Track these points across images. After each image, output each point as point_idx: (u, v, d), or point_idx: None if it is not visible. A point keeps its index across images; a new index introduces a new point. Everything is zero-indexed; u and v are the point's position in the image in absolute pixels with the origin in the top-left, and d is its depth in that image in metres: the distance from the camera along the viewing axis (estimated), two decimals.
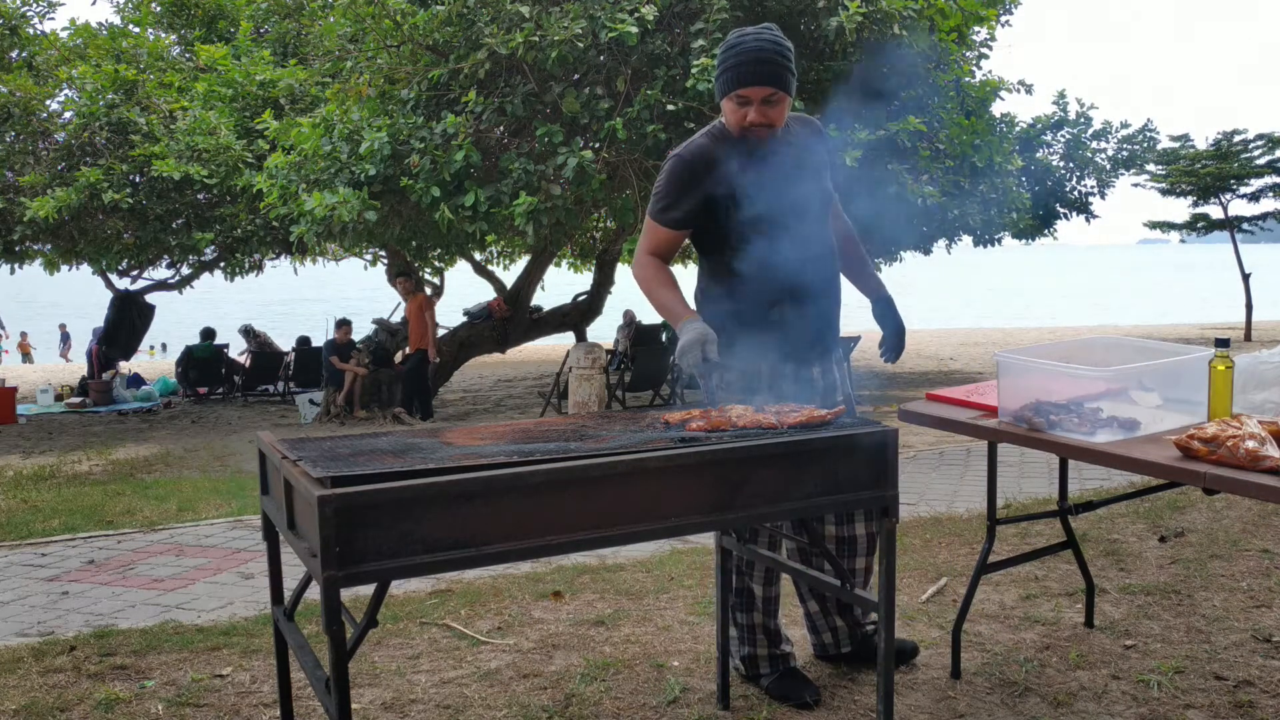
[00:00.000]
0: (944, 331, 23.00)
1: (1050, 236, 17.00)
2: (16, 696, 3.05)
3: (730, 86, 2.64)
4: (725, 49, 2.68)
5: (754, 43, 2.62)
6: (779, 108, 2.65)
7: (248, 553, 4.85)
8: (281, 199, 9.03)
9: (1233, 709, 2.76)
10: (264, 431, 2.53)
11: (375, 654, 3.32)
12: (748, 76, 2.60)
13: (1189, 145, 19.35)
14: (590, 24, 7.86)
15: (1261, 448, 2.12)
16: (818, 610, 3.11)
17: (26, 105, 11.25)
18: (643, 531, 2.16)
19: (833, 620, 3.10)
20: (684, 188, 2.70)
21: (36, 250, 13.25)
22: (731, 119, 2.69)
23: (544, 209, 8.11)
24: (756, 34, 2.65)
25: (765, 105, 2.63)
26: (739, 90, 2.62)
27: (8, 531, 5.60)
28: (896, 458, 2.33)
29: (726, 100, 2.68)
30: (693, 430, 2.28)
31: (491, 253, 15.42)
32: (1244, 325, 18.35)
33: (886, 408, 9.60)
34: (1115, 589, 3.72)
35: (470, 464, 1.98)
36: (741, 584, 2.95)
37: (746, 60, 2.60)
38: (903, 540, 4.38)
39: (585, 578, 4.11)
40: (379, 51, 8.85)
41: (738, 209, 2.68)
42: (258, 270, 15.32)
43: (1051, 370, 2.67)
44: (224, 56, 11.64)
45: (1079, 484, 5.38)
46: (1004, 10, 12.85)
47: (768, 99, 2.62)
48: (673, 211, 2.72)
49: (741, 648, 2.99)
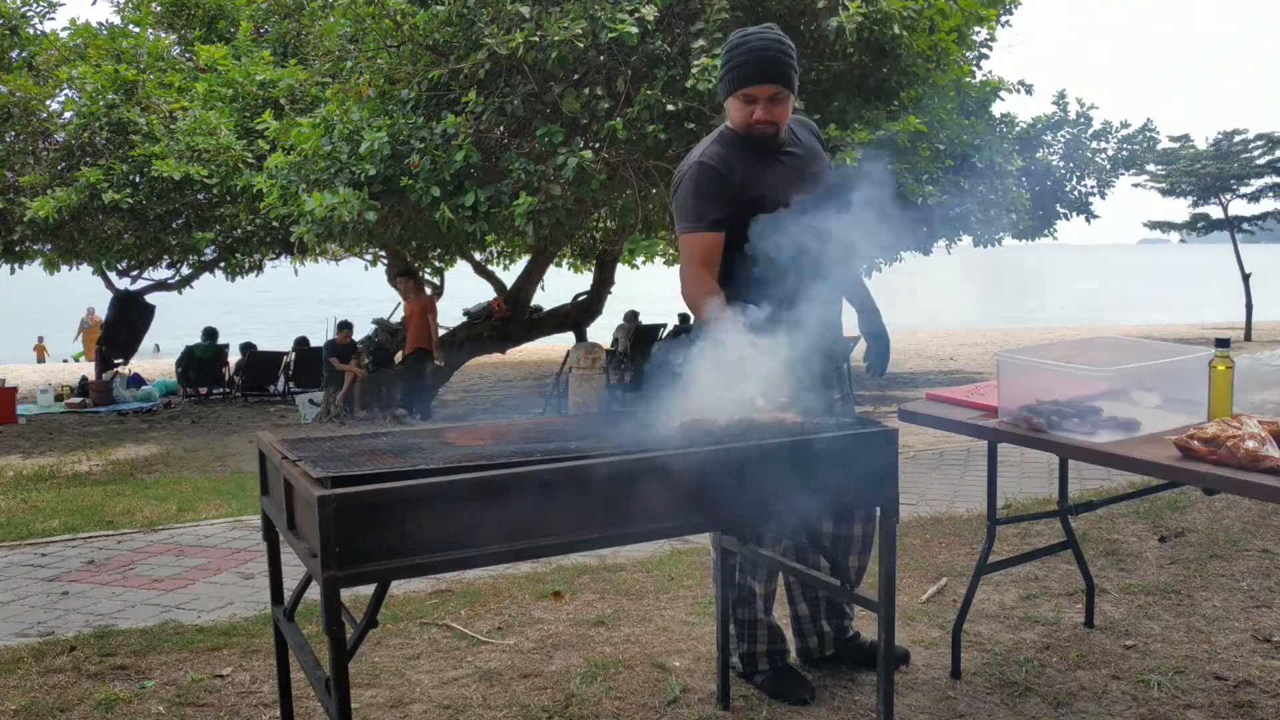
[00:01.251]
0: (944, 331, 22.99)
1: (1050, 236, 16.99)
2: (16, 696, 3.05)
3: (736, 85, 2.68)
4: (730, 49, 2.71)
5: (759, 41, 2.66)
6: (784, 105, 2.70)
7: (248, 553, 4.85)
8: (281, 199, 9.03)
9: (1233, 709, 2.76)
10: (264, 432, 2.53)
11: (375, 654, 3.32)
12: (754, 75, 2.65)
13: (1189, 145, 19.35)
14: (590, 24, 7.86)
15: (1261, 448, 2.12)
16: (807, 614, 3.12)
17: (26, 105, 11.25)
18: (643, 531, 2.16)
19: (820, 625, 3.12)
20: (715, 192, 2.70)
21: (36, 250, 13.24)
22: (737, 117, 2.72)
23: (544, 209, 8.11)
24: (760, 33, 2.69)
25: (771, 103, 2.67)
26: (745, 89, 2.66)
27: (8, 531, 5.60)
28: (896, 458, 2.33)
29: (732, 99, 2.71)
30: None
31: (491, 253, 15.41)
32: (1244, 325, 18.34)
33: (886, 408, 9.60)
34: (1115, 589, 3.72)
35: (470, 464, 1.98)
36: (743, 580, 2.96)
37: (753, 59, 2.64)
38: (903, 540, 4.38)
39: (585, 578, 4.11)
40: (379, 51, 8.84)
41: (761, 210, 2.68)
42: (258, 270, 15.31)
43: (1051, 370, 2.67)
44: (224, 56, 11.64)
45: (1079, 484, 5.38)
46: (1004, 10, 12.85)
47: (773, 97, 2.67)
48: (713, 214, 2.70)
49: (740, 644, 2.99)
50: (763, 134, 2.70)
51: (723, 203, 2.69)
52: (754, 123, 2.68)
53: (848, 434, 2.28)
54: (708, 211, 2.70)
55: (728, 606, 2.87)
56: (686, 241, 2.75)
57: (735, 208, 2.68)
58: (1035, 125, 16.26)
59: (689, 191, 2.73)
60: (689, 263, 2.73)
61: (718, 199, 2.69)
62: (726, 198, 2.69)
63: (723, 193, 2.69)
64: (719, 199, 2.69)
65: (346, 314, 14.44)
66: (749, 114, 2.68)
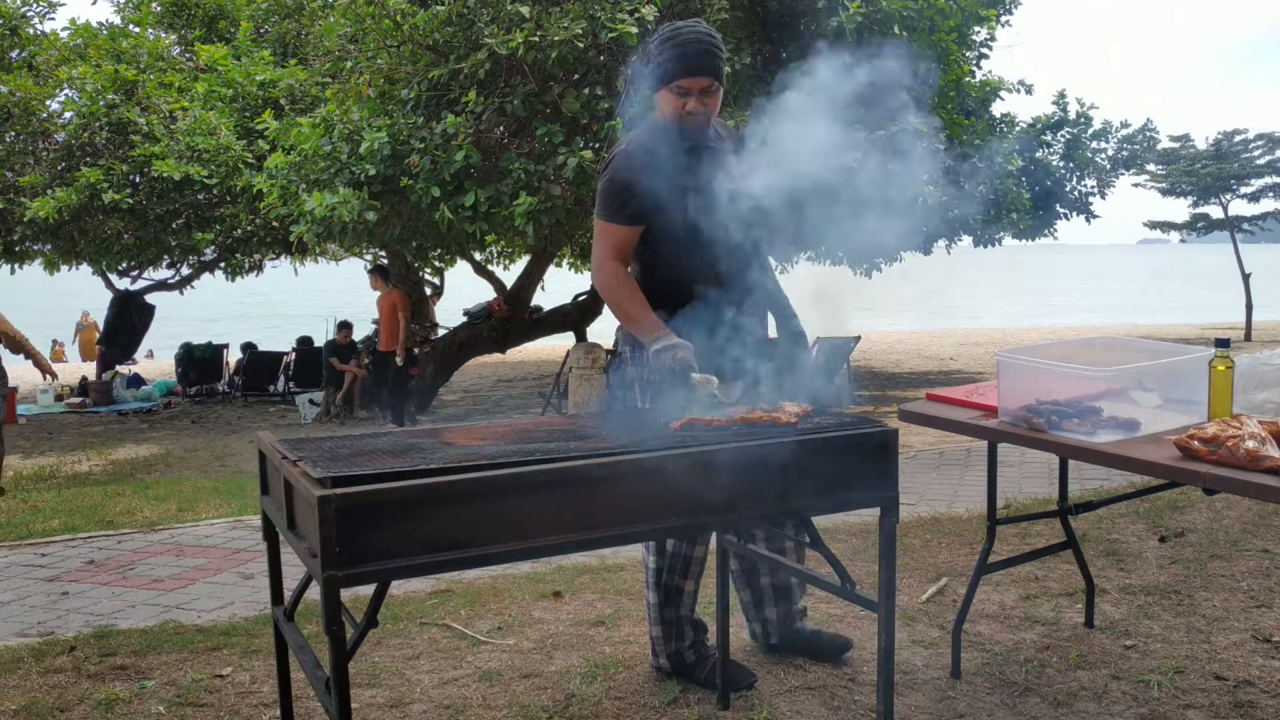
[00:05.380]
0: (944, 331, 23.00)
1: (1050, 236, 16.98)
2: (16, 696, 3.06)
3: (671, 77, 2.71)
4: (662, 41, 2.74)
5: (691, 34, 2.71)
6: (714, 98, 2.75)
7: (248, 553, 4.85)
8: (281, 199, 9.02)
9: (1233, 709, 2.76)
10: (264, 431, 2.53)
11: (375, 654, 3.32)
12: (689, 69, 2.69)
13: (1189, 145, 19.35)
14: (590, 24, 7.86)
15: (1261, 448, 2.12)
16: (749, 601, 3.18)
17: (26, 105, 11.23)
18: (643, 531, 2.16)
19: (764, 612, 3.16)
20: (634, 183, 2.73)
21: (36, 250, 13.24)
22: (668, 109, 2.75)
23: (544, 209, 8.11)
24: (691, 27, 2.74)
25: (703, 95, 2.71)
26: (680, 81, 2.70)
27: (8, 531, 5.60)
28: (896, 458, 2.33)
29: (664, 91, 2.74)
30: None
31: (491, 253, 15.41)
32: (1244, 325, 18.34)
33: (886, 408, 9.60)
34: (1115, 589, 3.72)
35: (470, 464, 1.98)
36: (672, 582, 3.00)
37: (687, 53, 2.68)
38: (903, 540, 4.38)
39: (585, 578, 4.11)
40: (379, 51, 8.84)
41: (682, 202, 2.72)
42: (258, 270, 15.31)
43: (1051, 370, 2.66)
44: (224, 56, 11.63)
45: (1079, 484, 5.38)
46: (1004, 10, 12.84)
47: (705, 90, 2.71)
48: (629, 208, 2.75)
49: (668, 644, 3.03)
50: (693, 125, 2.74)
51: (641, 195, 2.72)
52: (685, 114, 2.71)
53: (848, 434, 2.28)
54: (625, 204, 2.74)
55: (727, 606, 2.88)
56: (600, 229, 2.81)
57: (655, 199, 2.71)
58: (1035, 125, 16.26)
59: (609, 181, 2.78)
60: (605, 255, 2.79)
61: (637, 191, 2.72)
62: (646, 190, 2.71)
63: (642, 185, 2.71)
64: (637, 191, 2.72)
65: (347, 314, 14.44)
66: (681, 105, 2.71)
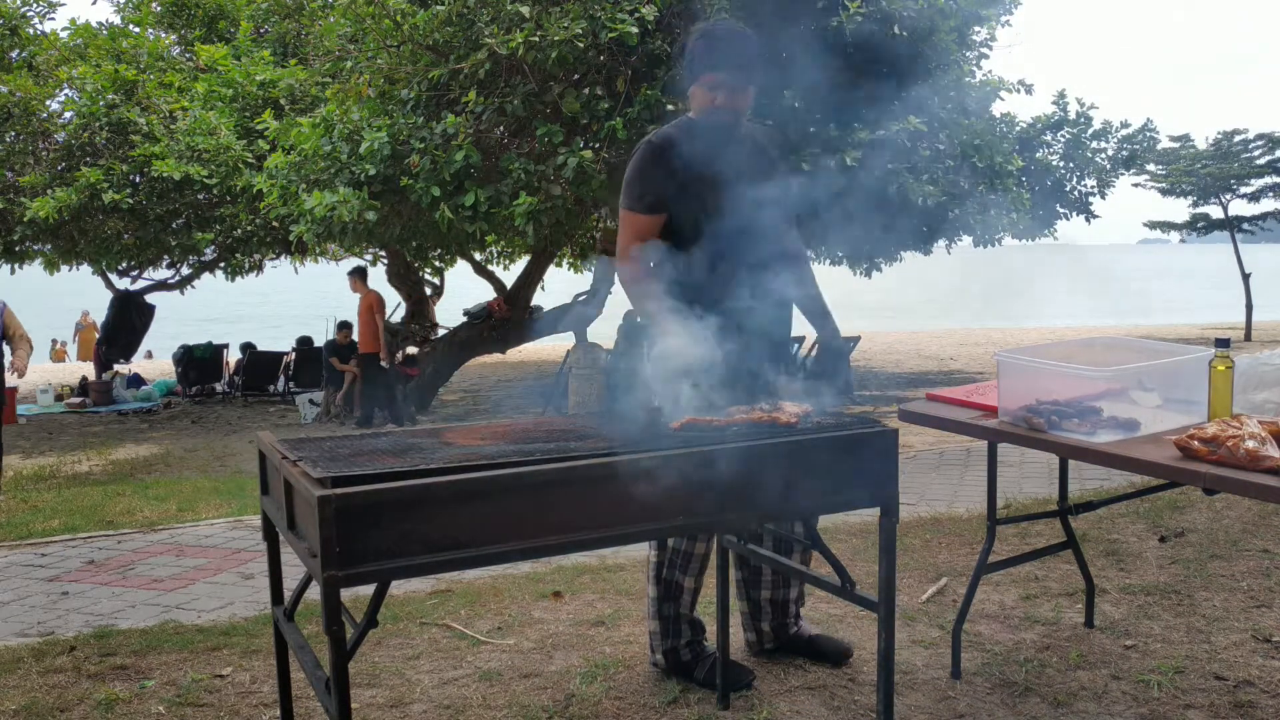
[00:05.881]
0: (944, 331, 22.99)
1: (1050, 236, 16.98)
2: (16, 696, 3.06)
3: (704, 71, 2.73)
4: (699, 36, 2.77)
5: (724, 32, 2.77)
6: (747, 94, 2.77)
7: (248, 553, 4.85)
8: (281, 199, 9.03)
9: (1233, 709, 2.76)
10: (264, 431, 2.53)
11: (375, 654, 3.32)
12: (723, 62, 2.71)
13: (1189, 145, 19.35)
14: (590, 24, 7.86)
15: (1261, 448, 2.12)
16: (747, 612, 3.19)
17: (26, 105, 11.24)
18: (642, 532, 2.16)
19: (760, 624, 3.18)
20: (658, 174, 2.74)
21: (36, 250, 13.24)
22: (701, 102, 2.77)
23: (544, 209, 8.11)
24: (726, 25, 2.81)
25: (736, 91, 2.73)
26: (709, 76, 2.72)
27: (8, 531, 5.60)
28: (896, 458, 2.33)
29: (697, 85, 2.77)
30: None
31: (491, 253, 15.40)
32: (1244, 325, 18.34)
33: (886, 408, 9.60)
34: (1115, 589, 3.72)
35: (470, 464, 1.98)
36: (672, 577, 3.00)
37: (723, 48, 2.72)
38: (903, 540, 4.38)
39: (585, 578, 4.11)
40: (379, 51, 8.84)
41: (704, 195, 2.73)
42: (258, 270, 15.30)
43: (1051, 370, 2.67)
44: (224, 56, 11.63)
45: (1079, 484, 5.37)
46: (1004, 10, 12.83)
47: (739, 85, 2.73)
48: (650, 196, 2.76)
49: (665, 641, 3.03)
50: (724, 120, 2.76)
51: (663, 184, 2.73)
52: (718, 108, 2.74)
53: (848, 434, 2.28)
54: (644, 193, 2.75)
55: (727, 606, 2.88)
56: (621, 217, 2.83)
57: (676, 190, 2.72)
58: (1035, 125, 16.25)
59: (633, 170, 2.80)
60: (626, 243, 2.81)
61: (659, 180, 2.73)
62: (669, 180, 2.72)
63: (665, 174, 2.72)
64: (660, 181, 2.73)
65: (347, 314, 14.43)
66: (712, 100, 2.74)
